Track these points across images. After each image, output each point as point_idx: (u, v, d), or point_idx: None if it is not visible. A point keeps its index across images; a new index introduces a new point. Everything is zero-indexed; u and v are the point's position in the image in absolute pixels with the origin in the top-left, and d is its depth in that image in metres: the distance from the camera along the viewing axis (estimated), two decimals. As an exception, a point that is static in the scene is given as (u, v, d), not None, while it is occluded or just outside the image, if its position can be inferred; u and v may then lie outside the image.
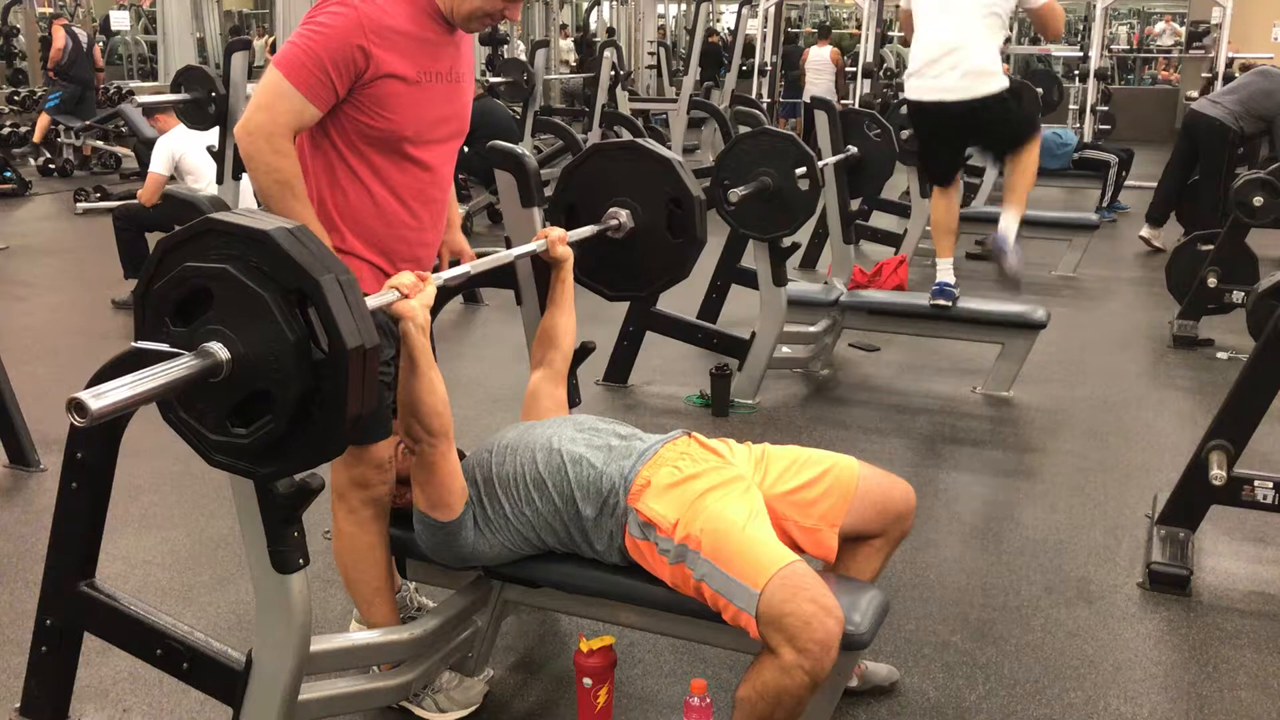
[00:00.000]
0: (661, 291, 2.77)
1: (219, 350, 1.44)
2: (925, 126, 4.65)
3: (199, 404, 1.50)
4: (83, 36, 10.94)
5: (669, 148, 9.56)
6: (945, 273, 4.66)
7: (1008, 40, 4.54)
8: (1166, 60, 17.14)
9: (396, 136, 2.13)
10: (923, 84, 4.44)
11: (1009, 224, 4.57)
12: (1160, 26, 18.90)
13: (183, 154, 5.82)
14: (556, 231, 2.47)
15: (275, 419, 1.47)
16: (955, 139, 4.67)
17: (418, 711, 2.30)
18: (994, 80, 4.30)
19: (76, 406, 1.30)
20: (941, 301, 4.51)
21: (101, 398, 1.32)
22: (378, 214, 2.16)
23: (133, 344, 1.49)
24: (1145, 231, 7.69)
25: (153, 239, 5.86)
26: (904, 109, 5.47)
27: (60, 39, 10.72)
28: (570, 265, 2.49)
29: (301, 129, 2.07)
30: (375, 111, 2.09)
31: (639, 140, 2.69)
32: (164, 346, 1.46)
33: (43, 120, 10.64)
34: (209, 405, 1.50)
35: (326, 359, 1.44)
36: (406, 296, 1.92)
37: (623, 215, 2.59)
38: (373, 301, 1.82)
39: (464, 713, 2.31)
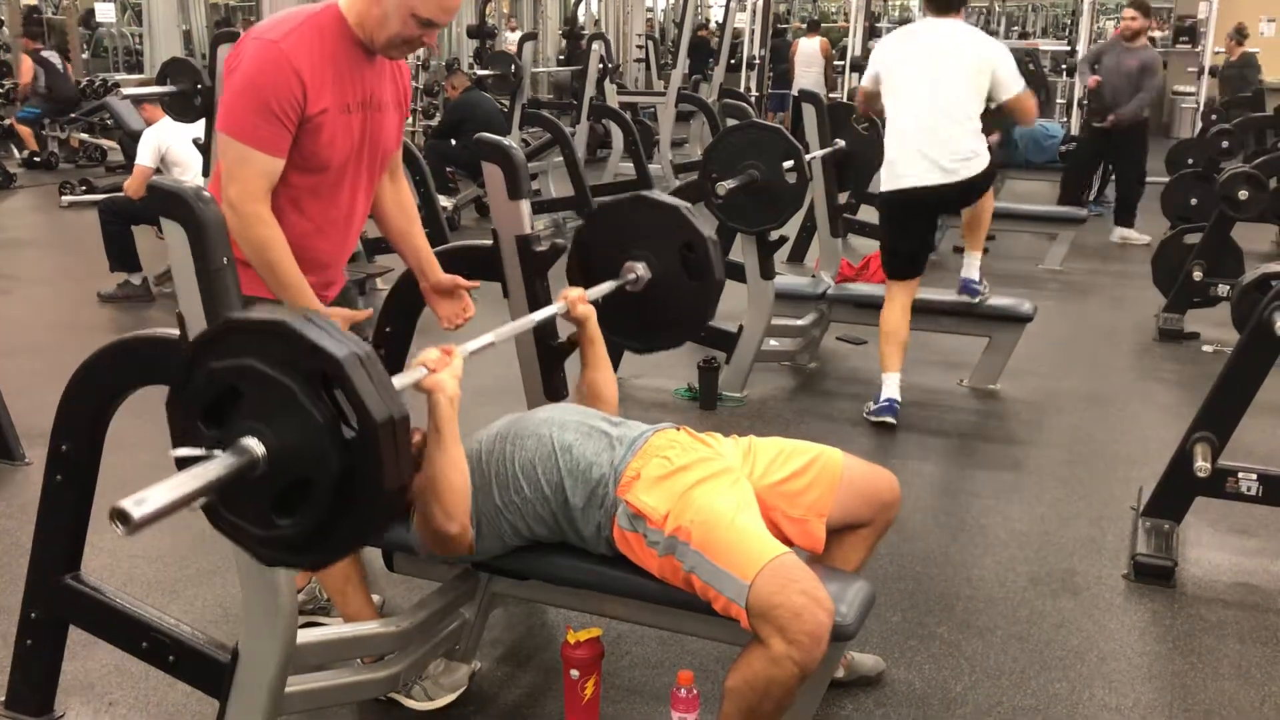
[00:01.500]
0: (691, 337, 2.75)
1: (254, 445, 1.43)
2: (904, 213, 4.17)
3: (242, 502, 1.49)
4: (55, 59, 10.81)
5: (657, 141, 9.48)
6: (892, 388, 4.13)
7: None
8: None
9: (320, 167, 2.12)
10: (908, 172, 4.02)
11: (973, 264, 4.49)
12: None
13: (169, 146, 5.79)
14: (575, 291, 2.47)
15: (316, 504, 1.45)
16: (933, 219, 4.39)
17: (406, 701, 2.30)
18: (982, 160, 4.02)
19: (119, 516, 1.28)
20: (888, 419, 4.08)
21: (143, 505, 1.30)
22: (293, 241, 2.14)
23: (171, 453, 1.47)
24: (1118, 235, 7.78)
25: (139, 231, 5.85)
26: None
27: (28, 71, 10.60)
28: (594, 322, 2.48)
29: (274, 181, 2.07)
30: (305, 144, 2.08)
31: (643, 193, 2.71)
32: (200, 451, 1.44)
33: (24, 130, 10.57)
34: (252, 502, 1.48)
35: (358, 436, 1.43)
36: (434, 371, 1.92)
37: (639, 268, 2.60)
38: (400, 381, 1.83)
39: (452, 696, 2.31)
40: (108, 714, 2.33)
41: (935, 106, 3.93)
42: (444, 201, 7.18)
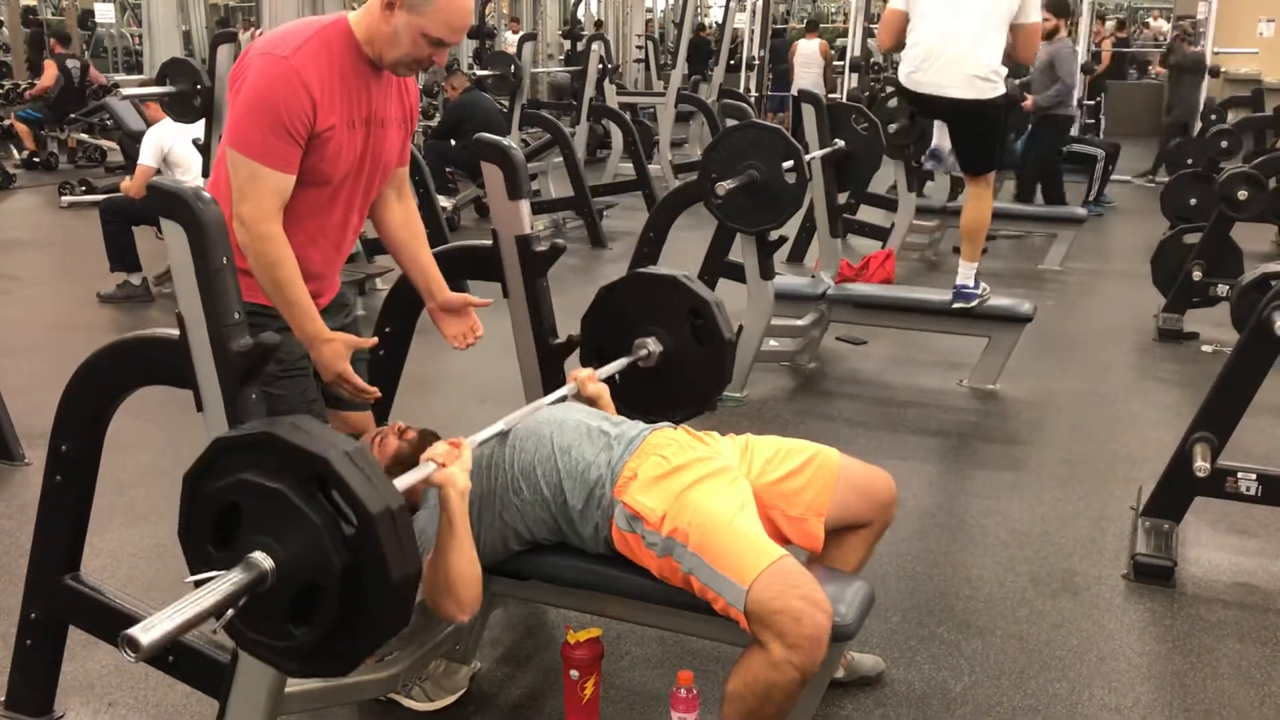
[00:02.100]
0: (712, 401, 2.77)
1: (261, 559, 1.43)
2: (911, 103, 4.62)
3: (259, 617, 1.48)
4: (75, 69, 10.73)
5: (656, 141, 9.44)
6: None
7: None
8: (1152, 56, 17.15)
9: (322, 181, 2.11)
10: (922, 78, 4.35)
11: (967, 272, 4.43)
12: (1154, 24, 19.00)
13: (171, 147, 5.79)
14: (584, 372, 2.46)
15: (328, 605, 1.45)
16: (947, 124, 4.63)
17: (406, 702, 2.30)
18: (995, 87, 4.25)
19: (129, 643, 1.29)
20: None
21: (151, 632, 1.30)
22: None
23: (186, 580, 1.47)
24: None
25: (139, 232, 5.84)
26: (891, 101, 5.50)
27: (50, 75, 10.55)
28: (607, 399, 2.46)
29: (286, 198, 2.05)
30: (309, 159, 2.07)
31: (640, 270, 2.73)
32: (213, 574, 1.45)
33: (23, 129, 10.55)
34: (267, 615, 1.48)
35: (358, 531, 1.43)
36: (443, 465, 1.91)
37: (650, 343, 2.60)
38: (411, 477, 1.84)
39: (451, 699, 2.32)
40: (107, 714, 2.33)
41: (959, 23, 4.10)
42: (444, 202, 7.19)
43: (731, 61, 12.63)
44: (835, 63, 13.39)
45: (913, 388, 4.57)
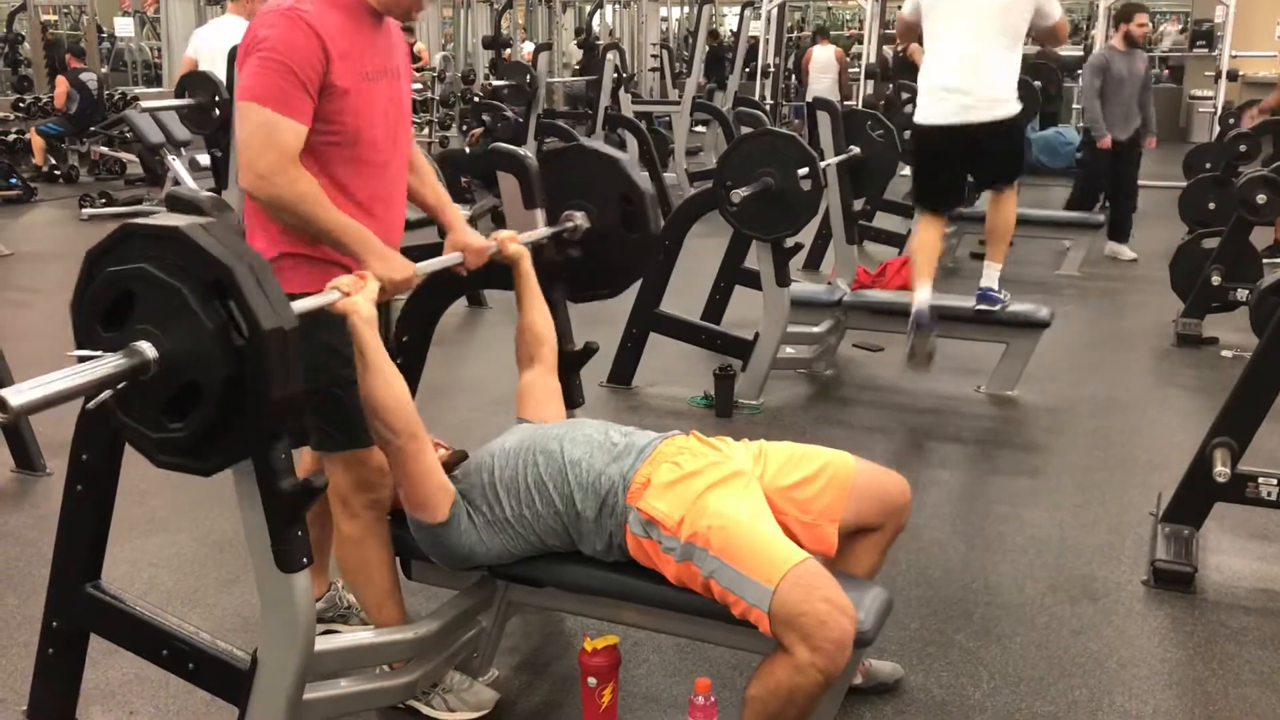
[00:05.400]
0: (624, 289, 2.77)
1: (147, 349, 1.49)
2: (933, 148, 4.45)
3: (138, 405, 1.55)
4: (91, 83, 10.78)
5: (672, 150, 9.46)
6: (922, 295, 4.37)
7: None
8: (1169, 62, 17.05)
9: (352, 139, 2.12)
10: (941, 107, 4.27)
11: (992, 274, 4.47)
12: (1165, 27, 18.87)
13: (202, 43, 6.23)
14: (504, 233, 2.50)
15: (205, 407, 1.50)
16: (961, 161, 4.52)
17: (426, 710, 2.31)
18: (1011, 104, 4.22)
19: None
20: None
21: (22, 395, 1.38)
22: None
23: (69, 354, 1.53)
24: (1109, 249, 7.44)
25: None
26: (907, 108, 5.50)
27: (62, 92, 10.63)
28: (527, 263, 2.50)
29: (300, 148, 2.05)
30: (332, 117, 2.08)
31: (583, 141, 2.72)
32: (97, 353, 1.51)
33: (38, 142, 10.61)
34: (146, 405, 1.54)
35: (247, 344, 1.48)
36: (348, 294, 1.94)
37: (578, 217, 2.62)
38: (313, 301, 1.87)
39: (474, 715, 2.31)
40: (128, 722, 2.34)
41: (976, 42, 4.04)
42: (461, 211, 7.20)
43: (747, 69, 12.65)
44: (850, 69, 13.39)
45: (930, 394, 4.56)
